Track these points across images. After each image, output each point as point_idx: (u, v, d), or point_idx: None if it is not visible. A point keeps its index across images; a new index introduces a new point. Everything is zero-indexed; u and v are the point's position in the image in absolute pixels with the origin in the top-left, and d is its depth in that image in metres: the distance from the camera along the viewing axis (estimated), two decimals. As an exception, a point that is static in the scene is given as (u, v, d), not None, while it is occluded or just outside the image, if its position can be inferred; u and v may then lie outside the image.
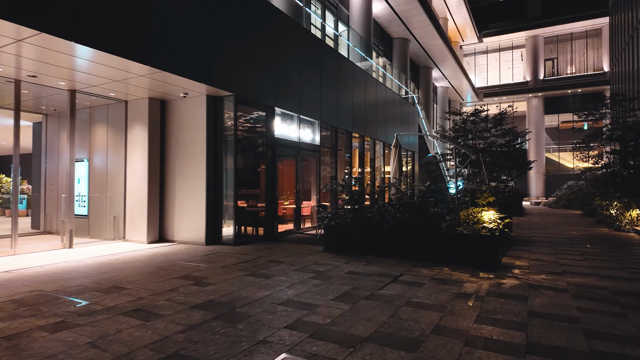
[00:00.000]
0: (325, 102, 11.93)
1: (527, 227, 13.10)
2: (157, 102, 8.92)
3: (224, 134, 8.63)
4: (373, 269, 6.06)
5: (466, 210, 6.32)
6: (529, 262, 6.82)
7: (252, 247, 8.19)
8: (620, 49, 26.62)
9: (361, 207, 7.59)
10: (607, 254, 7.83)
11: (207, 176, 8.41)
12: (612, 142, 17.51)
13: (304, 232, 10.80)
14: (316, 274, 5.67)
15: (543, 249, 8.40)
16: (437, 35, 26.00)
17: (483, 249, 6.24)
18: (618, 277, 5.78)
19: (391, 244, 6.99)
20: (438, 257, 6.59)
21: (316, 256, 7.15)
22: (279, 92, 9.71)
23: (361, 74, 14.86)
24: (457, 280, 5.42)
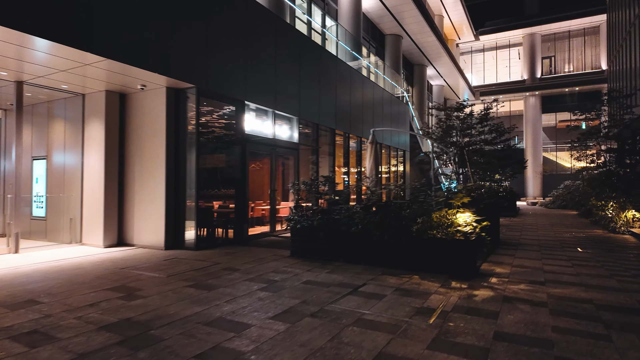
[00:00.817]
0: (305, 97, 11.33)
1: (518, 229, 12.50)
2: (116, 96, 8.31)
3: (187, 130, 8.02)
4: (335, 278, 5.45)
5: (439, 212, 5.71)
6: (510, 269, 6.21)
7: (214, 252, 7.58)
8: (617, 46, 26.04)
9: (329, 208, 6.98)
10: (598, 259, 7.23)
11: (166, 175, 7.79)
12: (608, 140, 16.91)
13: (279, 234, 10.19)
14: (268, 285, 5.06)
15: (529, 253, 7.79)
16: (430, 31, 25.38)
17: (458, 255, 5.64)
18: (606, 287, 5.17)
19: (360, 249, 6.39)
20: (410, 263, 5.98)
21: (279, 262, 6.54)
22: (250, 85, 9.10)
23: (346, 69, 14.25)
24: (424, 291, 4.81)
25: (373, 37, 23.52)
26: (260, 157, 9.91)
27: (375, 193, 6.53)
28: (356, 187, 10.39)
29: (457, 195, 5.76)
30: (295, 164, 11.02)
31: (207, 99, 8.37)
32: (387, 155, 18.82)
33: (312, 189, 7.15)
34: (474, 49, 44.62)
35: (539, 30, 39.89)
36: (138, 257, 6.94)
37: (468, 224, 5.64)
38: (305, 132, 12.16)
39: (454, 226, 5.63)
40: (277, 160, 10.38)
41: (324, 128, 13.01)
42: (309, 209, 7.18)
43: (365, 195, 6.87)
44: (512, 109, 43.20)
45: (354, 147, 15.44)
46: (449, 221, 5.69)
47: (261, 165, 10.97)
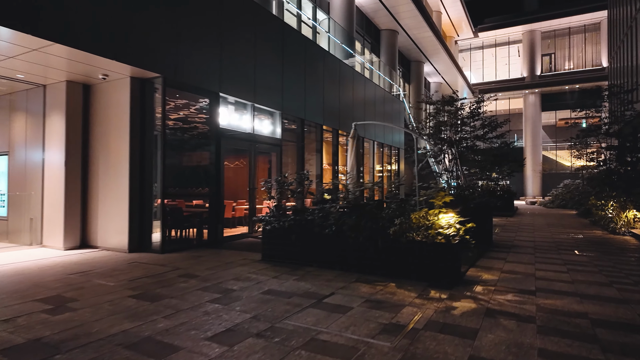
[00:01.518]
0: (289, 91, 10.75)
1: (514, 230, 11.93)
2: (79, 87, 7.73)
3: (155, 124, 7.45)
4: (301, 286, 4.88)
5: (418, 213, 5.14)
6: (498, 275, 5.64)
7: (181, 255, 7.01)
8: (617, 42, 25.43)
9: (303, 208, 6.40)
10: (596, 263, 6.65)
11: (130, 172, 7.22)
12: (608, 137, 16.32)
13: (259, 236, 9.60)
14: (222, 295, 4.49)
15: (522, 257, 7.22)
16: (426, 26, 24.77)
17: (439, 260, 5.07)
18: (604, 297, 4.60)
19: (335, 253, 5.81)
20: (387, 269, 5.41)
21: (246, 267, 5.97)
22: (226, 76, 8.52)
23: (335, 63, 13.67)
24: (397, 302, 4.24)
25: (368, 33, 22.92)
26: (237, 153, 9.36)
27: (351, 191, 5.96)
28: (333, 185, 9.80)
29: (439, 194, 5.19)
30: (277, 161, 10.43)
31: (176, 90, 7.81)
32: (381, 154, 18.25)
33: (284, 186, 6.58)
34: (473, 46, 43.97)
35: (538, 27, 39.24)
36: (95, 261, 6.37)
37: (450, 226, 5.07)
38: (290, 127, 11.59)
39: (435, 228, 5.06)
40: (257, 157, 9.80)
41: (311, 124, 12.43)
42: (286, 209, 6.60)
43: (351, 195, 6.30)
44: (512, 107, 42.60)
45: (344, 144, 14.87)
46: (429, 222, 5.11)
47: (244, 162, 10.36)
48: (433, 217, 5.22)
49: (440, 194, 5.18)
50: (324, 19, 16.79)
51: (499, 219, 15.60)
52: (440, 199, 5.16)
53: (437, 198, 5.19)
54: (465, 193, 8.78)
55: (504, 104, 42.76)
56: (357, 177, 7.49)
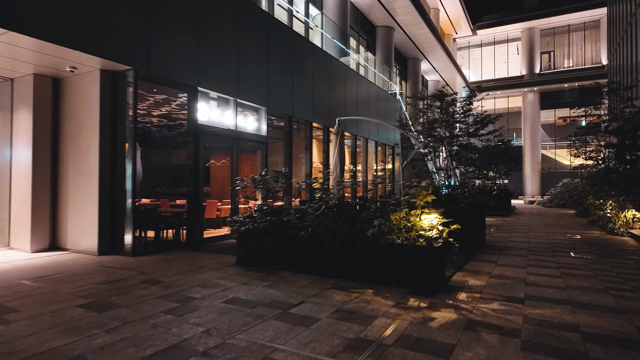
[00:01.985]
0: (275, 86, 10.35)
1: (509, 230, 11.54)
2: (47, 80, 7.34)
3: (127, 119, 7.06)
4: (270, 294, 4.49)
5: (398, 214, 4.75)
6: (486, 281, 5.25)
7: (152, 258, 6.63)
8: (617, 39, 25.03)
9: (279, 208, 6.02)
10: (592, 267, 6.27)
11: (100, 170, 6.83)
12: (607, 134, 15.92)
13: (242, 236, 9.21)
14: (180, 305, 4.10)
15: (514, 259, 6.84)
16: (423, 23, 24.34)
17: (420, 265, 4.68)
18: (599, 306, 4.22)
19: (312, 257, 5.43)
20: (366, 274, 5.03)
21: (217, 272, 5.58)
22: (205, 69, 8.13)
23: (326, 58, 13.28)
24: (371, 312, 3.85)
25: (363, 29, 22.50)
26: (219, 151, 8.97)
27: (329, 191, 5.57)
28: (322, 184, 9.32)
29: (421, 193, 4.80)
30: (263, 159, 10.04)
31: (150, 83, 7.42)
32: (374, 152, 17.85)
33: (260, 185, 6.19)
34: (472, 44, 43.55)
35: (537, 25, 38.82)
36: (59, 265, 5.99)
37: (433, 228, 4.68)
38: (277, 124, 11.20)
39: (416, 230, 4.67)
40: (241, 154, 9.40)
41: (300, 121, 12.04)
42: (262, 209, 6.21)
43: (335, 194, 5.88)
44: (511, 105, 42.19)
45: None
46: (410, 224, 4.73)
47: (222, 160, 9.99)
48: (414, 218, 4.83)
49: (422, 193, 4.79)
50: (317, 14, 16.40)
51: (494, 219, 15.22)
52: (421, 198, 4.77)
53: (418, 197, 4.80)
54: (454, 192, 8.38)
55: (503, 103, 42.38)
56: (341, 175, 7.10)
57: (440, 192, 8.26)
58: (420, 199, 4.77)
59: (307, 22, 14.84)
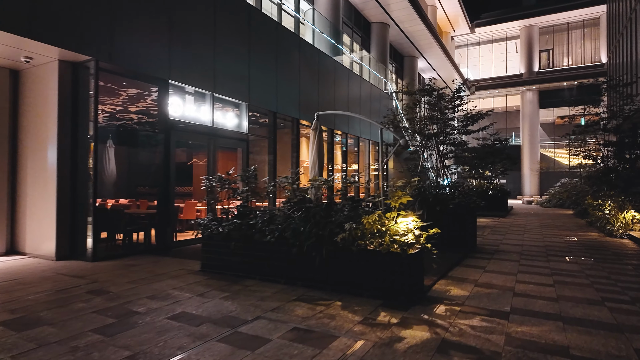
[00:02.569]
0: (257, 80, 9.85)
1: (503, 232, 11.05)
2: (5, 72, 6.83)
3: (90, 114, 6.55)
4: (225, 308, 4.01)
5: (371, 217, 4.26)
6: (470, 290, 4.76)
7: (113, 263, 6.14)
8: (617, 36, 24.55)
9: (248, 210, 5.52)
10: (588, 273, 5.78)
11: (58, 168, 6.34)
12: (606, 132, 15.44)
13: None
14: (118, 320, 3.61)
15: (505, 265, 6.35)
16: (418, 19, 23.83)
17: (396, 273, 4.19)
18: (593, 322, 3.73)
19: (279, 264, 4.94)
20: (337, 283, 4.54)
21: (176, 280, 5.09)
22: (177, 61, 7.64)
23: (314, 53, 12.78)
24: (332, 330, 3.37)
25: (357, 25, 22.00)
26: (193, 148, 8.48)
27: (298, 191, 5.07)
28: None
29: (396, 194, 4.31)
30: (243, 157, 9.54)
31: (114, 75, 6.94)
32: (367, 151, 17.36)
33: (226, 185, 5.70)
34: (470, 42, 43.06)
35: (536, 22, 38.33)
36: (8, 272, 5.49)
37: (408, 232, 4.19)
38: (261, 121, 10.71)
39: (390, 235, 4.18)
40: (218, 152, 8.91)
41: (287, 118, 11.55)
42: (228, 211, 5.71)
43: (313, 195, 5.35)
44: (509, 104, 41.71)
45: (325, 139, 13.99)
46: (384, 228, 4.23)
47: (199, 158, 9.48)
48: (389, 221, 4.34)
49: (396, 194, 4.30)
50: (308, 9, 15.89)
51: (489, 220, 14.74)
52: (396, 199, 4.28)
53: (392, 199, 4.31)
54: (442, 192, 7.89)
55: (502, 101, 41.91)
56: (319, 174, 6.61)
57: (427, 192, 7.78)
58: (394, 200, 4.28)
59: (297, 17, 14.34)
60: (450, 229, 7.54)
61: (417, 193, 7.95)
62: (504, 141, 19.48)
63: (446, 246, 7.47)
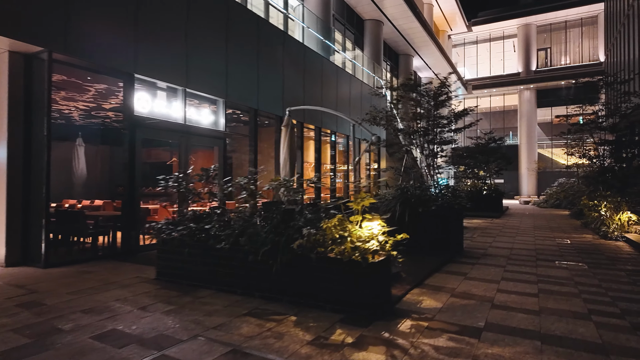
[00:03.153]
0: (236, 76, 9.40)
1: (494, 234, 10.61)
2: (-46, 65, 6.39)
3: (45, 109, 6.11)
4: (163, 324, 3.56)
5: (331, 221, 3.82)
6: (445, 301, 4.32)
7: (66, 270, 5.69)
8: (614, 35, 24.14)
9: (206, 213, 5.07)
10: (578, 280, 5.34)
11: (8, 168, 5.89)
12: (602, 131, 15.01)
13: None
14: (34, 341, 3.17)
15: (489, 271, 5.91)
16: (412, 16, 23.42)
17: (358, 284, 3.75)
18: (576, 341, 3.29)
19: (236, 272, 4.50)
20: (298, 293, 4.10)
21: (124, 290, 4.65)
22: (145, 54, 7.19)
23: (299, 48, 12.34)
24: (275, 353, 2.92)
25: (350, 22, 21.56)
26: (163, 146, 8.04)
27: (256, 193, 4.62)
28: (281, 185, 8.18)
29: (359, 195, 3.87)
30: (220, 157, 9.09)
31: (74, 68, 6.50)
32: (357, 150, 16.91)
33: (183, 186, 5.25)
34: (467, 41, 42.64)
35: (534, 21, 37.91)
36: (-55, 280, 5.06)
37: (372, 238, 3.75)
38: (241, 119, 10.27)
39: (351, 241, 3.74)
40: (192, 151, 8.47)
41: (270, 115, 11.11)
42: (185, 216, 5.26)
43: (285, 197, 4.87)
44: (507, 103, 41.30)
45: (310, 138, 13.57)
46: (346, 233, 3.79)
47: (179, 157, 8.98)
48: (352, 226, 3.90)
49: (359, 196, 3.86)
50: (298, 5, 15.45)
51: (482, 221, 14.32)
52: (358, 202, 3.84)
53: (355, 201, 3.87)
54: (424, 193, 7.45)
55: (499, 101, 41.50)
56: (291, 174, 6.17)
57: (409, 192, 7.33)
58: (356, 202, 3.84)
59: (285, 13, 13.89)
60: (432, 231, 7.10)
61: (400, 193, 7.52)
62: (499, 140, 19.06)
63: (428, 250, 7.05)
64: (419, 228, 7.20)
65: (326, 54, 15.09)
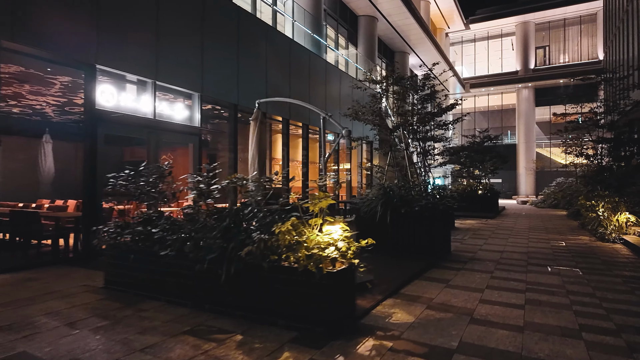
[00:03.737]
0: (213, 69, 8.91)
1: (486, 236, 10.13)
2: None
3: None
4: (85, 345, 3.07)
5: (284, 225, 3.33)
6: (419, 314, 3.83)
7: (9, 277, 5.19)
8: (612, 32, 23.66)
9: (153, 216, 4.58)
10: (570, 289, 4.86)
11: (-52, 165, 5.42)
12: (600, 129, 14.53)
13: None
14: None
15: (473, 278, 5.42)
16: (407, 12, 22.94)
17: (315, 297, 3.27)
18: (563, 365, 2.80)
19: (184, 282, 4.00)
20: (250, 307, 3.61)
21: (60, 302, 4.15)
22: (107, 43, 6.69)
23: (285, 42, 11.84)
24: (198, 386, 2.44)
25: (344, 18, 21.07)
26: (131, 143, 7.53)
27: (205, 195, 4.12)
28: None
29: (315, 196, 3.38)
30: (195, 154, 8.60)
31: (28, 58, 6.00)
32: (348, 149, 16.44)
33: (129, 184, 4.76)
34: (465, 39, 42.16)
35: (532, 19, 37.41)
36: None
37: (331, 244, 3.26)
38: (220, 114, 9.78)
39: (308, 247, 3.25)
40: (162, 148, 7.97)
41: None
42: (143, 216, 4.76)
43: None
44: (505, 102, 40.83)
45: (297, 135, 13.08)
46: (303, 239, 3.30)
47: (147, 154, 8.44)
48: (311, 230, 3.41)
49: (317, 195, 3.37)
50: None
51: (476, 221, 13.84)
52: (315, 203, 3.35)
53: (311, 202, 3.38)
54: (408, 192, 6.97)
55: (497, 99, 41.02)
56: (260, 172, 5.68)
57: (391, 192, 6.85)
58: (313, 203, 3.35)
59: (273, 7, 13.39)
60: (416, 234, 6.62)
61: (382, 193, 7.04)
62: (494, 139, 18.58)
63: (412, 254, 6.57)
64: (402, 230, 6.73)
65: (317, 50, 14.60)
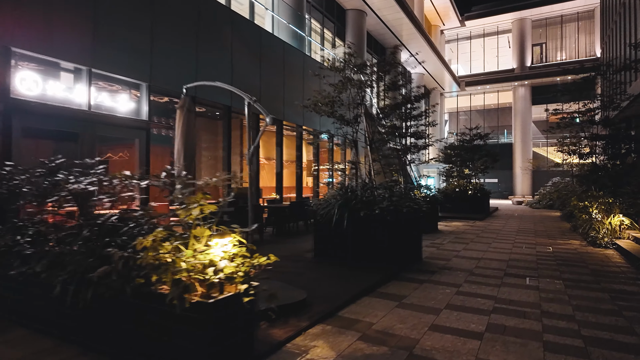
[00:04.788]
0: (164, 56, 8.08)
1: (468, 239, 9.30)
2: None
3: None
4: None
5: (147, 239, 2.51)
6: (344, 349, 3.01)
7: None
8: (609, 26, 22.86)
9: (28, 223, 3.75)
10: (546, 309, 4.03)
11: None
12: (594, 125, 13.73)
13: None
14: None
15: (435, 293, 4.59)
16: (397, 6, 22.14)
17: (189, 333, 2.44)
18: None
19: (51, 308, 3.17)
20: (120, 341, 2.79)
21: None
22: (26, 23, 5.87)
23: (254, 30, 11.02)
24: None
25: (330, 12, 20.26)
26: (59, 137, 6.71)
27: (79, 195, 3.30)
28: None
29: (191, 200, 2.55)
30: (143, 151, 7.76)
31: None
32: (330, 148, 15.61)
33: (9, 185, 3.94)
34: (460, 37, 41.38)
35: (529, 15, 36.65)
36: None
37: (211, 264, 2.43)
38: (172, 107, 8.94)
39: (176, 271, 2.42)
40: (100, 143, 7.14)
41: (217, 105, 9.80)
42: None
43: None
44: (501, 101, 40.05)
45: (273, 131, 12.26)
46: (177, 257, 2.47)
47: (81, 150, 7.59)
48: (195, 244, 2.58)
49: (194, 199, 2.54)
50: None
51: (463, 223, 13.02)
52: (189, 208, 2.52)
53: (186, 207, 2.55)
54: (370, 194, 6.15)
55: (493, 98, 40.23)
56: (190, 168, 4.86)
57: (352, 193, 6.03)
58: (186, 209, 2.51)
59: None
60: (377, 240, 5.79)
61: (341, 194, 6.22)
62: (484, 137, 17.78)
63: (372, 263, 5.75)
64: (362, 236, 5.91)
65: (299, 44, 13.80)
